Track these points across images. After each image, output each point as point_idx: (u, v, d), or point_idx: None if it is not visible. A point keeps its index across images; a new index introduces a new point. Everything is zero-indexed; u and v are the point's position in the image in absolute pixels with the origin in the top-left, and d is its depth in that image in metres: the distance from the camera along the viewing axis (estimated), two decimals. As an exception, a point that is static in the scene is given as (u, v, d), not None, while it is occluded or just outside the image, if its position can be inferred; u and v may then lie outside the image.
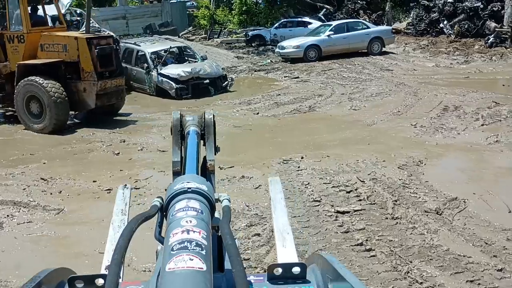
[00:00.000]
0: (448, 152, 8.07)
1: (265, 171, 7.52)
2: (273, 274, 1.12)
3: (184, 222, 0.91)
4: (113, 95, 11.27)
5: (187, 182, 1.05)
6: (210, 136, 1.61)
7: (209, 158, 1.57)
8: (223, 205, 1.13)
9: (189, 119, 1.62)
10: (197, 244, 0.85)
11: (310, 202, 6.25)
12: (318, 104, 11.99)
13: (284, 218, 1.60)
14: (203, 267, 0.81)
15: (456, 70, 15.79)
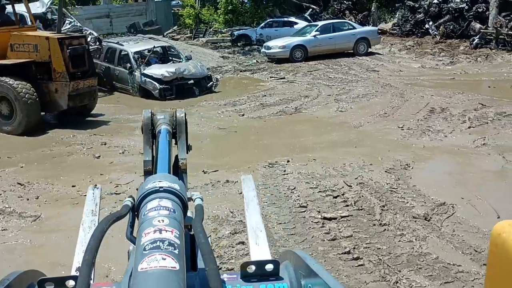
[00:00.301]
0: (435, 155, 7.98)
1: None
2: (246, 272, 1.13)
3: (156, 222, 0.89)
4: (86, 95, 11.07)
5: (159, 181, 1.03)
6: (182, 135, 1.59)
7: (181, 156, 1.55)
8: (196, 204, 1.11)
9: (160, 118, 1.59)
10: (169, 243, 0.84)
11: (296, 208, 6.09)
12: (304, 106, 11.85)
13: (257, 215, 1.60)
14: (176, 266, 0.80)
15: (441, 71, 15.78)
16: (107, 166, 8.17)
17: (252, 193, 1.75)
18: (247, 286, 1.13)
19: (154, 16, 33.55)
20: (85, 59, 10.75)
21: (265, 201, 6.36)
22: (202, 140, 9.57)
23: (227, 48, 23.68)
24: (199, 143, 9.38)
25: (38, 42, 10.37)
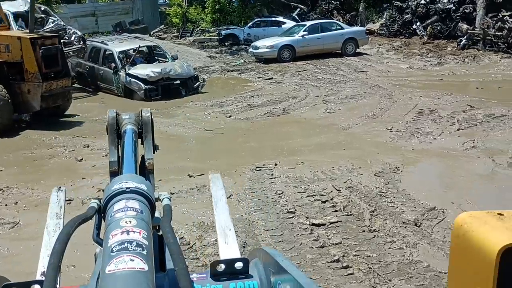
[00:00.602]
0: (425, 158, 7.87)
1: (237, 179, 7.16)
2: (216, 271, 1.13)
3: (123, 223, 0.88)
4: (59, 96, 10.91)
5: (125, 182, 1.02)
6: (148, 134, 1.57)
7: (147, 156, 1.53)
8: (164, 204, 1.10)
9: (126, 117, 1.58)
10: (137, 244, 0.83)
11: (284, 213, 5.93)
12: (292, 107, 11.70)
13: (225, 214, 1.60)
14: (144, 268, 0.79)
15: (429, 72, 15.75)
16: (89, 169, 7.94)
17: (220, 192, 1.74)
18: (217, 285, 1.13)
19: (141, 14, 33.19)
20: (59, 59, 10.59)
21: (252, 206, 6.20)
22: (187, 142, 9.39)
23: (215, 47, 23.46)
24: (185, 146, 9.20)
25: (9, 42, 10.17)
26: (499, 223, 0.96)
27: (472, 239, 0.95)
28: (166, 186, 6.96)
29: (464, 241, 0.97)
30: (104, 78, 14.29)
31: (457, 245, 1.00)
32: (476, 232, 0.95)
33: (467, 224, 0.98)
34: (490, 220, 0.97)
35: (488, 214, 1.00)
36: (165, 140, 9.57)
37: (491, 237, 0.92)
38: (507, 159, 7.53)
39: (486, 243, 0.92)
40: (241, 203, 6.31)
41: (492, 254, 0.89)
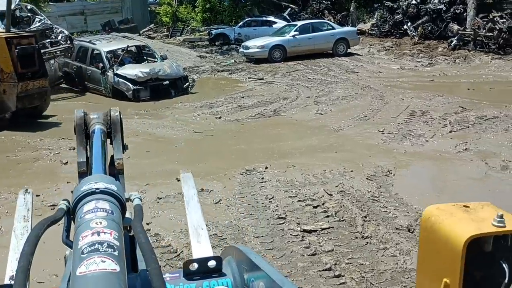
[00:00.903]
0: (417, 161, 7.76)
1: (227, 183, 7.00)
2: (189, 270, 1.14)
3: (93, 224, 0.88)
4: (36, 97, 10.69)
5: (95, 183, 1.01)
6: (117, 134, 1.54)
7: (117, 156, 1.50)
8: (135, 204, 1.09)
9: (94, 117, 1.55)
10: (108, 245, 0.82)
11: (275, 219, 5.77)
12: (283, 108, 11.55)
13: (197, 213, 1.60)
14: (116, 268, 0.78)
15: (420, 73, 15.68)
16: (74, 173, 7.54)
17: (192, 191, 1.75)
18: (190, 285, 1.13)
19: (130, 13, 32.87)
20: (35, 59, 10.37)
21: (241, 212, 6.03)
22: (176, 145, 9.20)
23: (205, 47, 23.26)
24: (173, 148, 9.02)
25: None
26: (465, 215, 1.00)
27: (440, 231, 0.99)
28: (154, 191, 6.80)
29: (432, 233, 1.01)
30: (91, 78, 14.05)
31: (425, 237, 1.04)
32: (443, 224, 0.99)
33: (434, 217, 1.01)
34: (456, 212, 1.01)
35: (454, 206, 1.04)
36: (153, 142, 9.40)
37: (458, 228, 0.96)
38: (500, 162, 7.44)
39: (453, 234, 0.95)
40: (231, 208, 6.15)
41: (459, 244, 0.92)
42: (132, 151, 9.16)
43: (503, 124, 9.19)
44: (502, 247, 0.99)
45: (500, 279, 0.98)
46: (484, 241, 0.97)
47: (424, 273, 1.09)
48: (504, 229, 0.96)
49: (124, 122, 5.75)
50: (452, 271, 0.97)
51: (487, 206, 1.06)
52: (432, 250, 1.04)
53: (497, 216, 0.96)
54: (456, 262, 0.95)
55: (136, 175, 7.54)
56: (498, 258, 0.99)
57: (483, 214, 1.01)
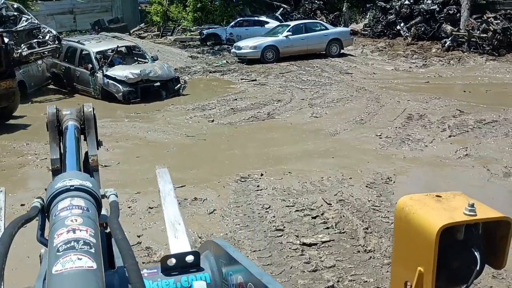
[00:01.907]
0: (417, 168, 7.53)
1: (221, 191, 6.72)
2: (166, 265, 1.14)
3: (69, 221, 0.86)
4: (3, 98, 10.36)
5: (69, 180, 0.99)
6: (91, 130, 1.54)
7: (91, 153, 1.49)
8: (110, 200, 1.08)
9: (67, 113, 1.54)
10: (85, 242, 0.81)
11: (272, 231, 5.50)
12: (277, 111, 11.28)
13: (174, 208, 1.60)
14: (93, 266, 0.77)
15: (415, 74, 15.48)
16: (62, 180, 7.39)
17: (168, 186, 1.73)
18: (168, 280, 1.13)
19: (120, 12, 32.44)
20: (1, 58, 10.01)
21: (237, 223, 5.76)
22: (168, 150, 8.90)
23: (196, 47, 22.92)
24: (165, 153, 8.73)
25: None
26: (438, 205, 1.03)
27: (413, 221, 1.01)
28: (145, 199, 6.50)
29: (406, 223, 1.03)
30: (80, 80, 13.69)
31: (399, 226, 1.06)
32: (416, 214, 1.01)
33: (408, 207, 1.04)
34: (429, 202, 1.04)
35: (427, 196, 1.07)
36: (144, 147, 9.10)
37: (431, 218, 0.98)
38: (502, 169, 7.23)
39: (426, 223, 0.98)
40: (225, 219, 5.87)
41: (432, 233, 0.95)
42: (122, 156, 8.87)
43: (503, 129, 9.00)
44: (474, 235, 1.02)
45: (472, 267, 1.00)
46: (456, 230, 1.00)
47: (399, 263, 1.11)
48: (475, 218, 0.98)
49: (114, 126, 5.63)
50: (426, 260, 0.99)
51: (458, 196, 1.08)
52: (406, 240, 1.06)
53: (469, 205, 0.98)
54: (430, 251, 0.97)
55: (126, 182, 7.25)
56: (470, 246, 1.01)
57: (455, 204, 1.03)
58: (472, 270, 1.01)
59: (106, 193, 1.11)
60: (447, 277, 1.04)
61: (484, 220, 1.01)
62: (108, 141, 9.37)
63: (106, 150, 8.80)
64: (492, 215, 1.01)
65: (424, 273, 1.00)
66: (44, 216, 0.99)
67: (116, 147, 9.06)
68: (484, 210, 1.02)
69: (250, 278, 1.03)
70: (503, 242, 1.04)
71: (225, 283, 1.16)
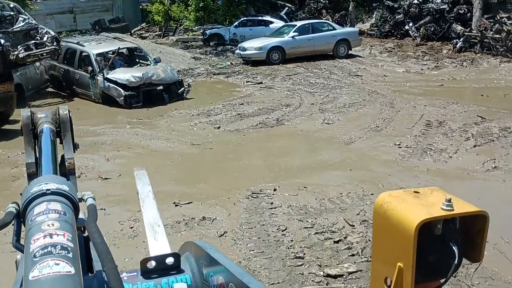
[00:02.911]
0: (443, 182, 6.92)
1: (231, 209, 6.14)
2: (146, 268, 1.15)
3: (45, 226, 0.85)
4: (1, 103, 9.86)
5: (45, 184, 0.98)
6: (67, 133, 1.51)
7: (67, 156, 1.45)
8: (88, 204, 1.08)
9: (42, 116, 1.51)
10: (62, 247, 0.80)
11: (291, 259, 4.92)
12: (286, 117, 10.69)
13: (153, 210, 1.62)
14: (71, 271, 0.76)
15: (428, 77, 14.90)
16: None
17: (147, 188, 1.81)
18: (148, 283, 1.14)
19: (121, 12, 31.87)
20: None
21: (251, 248, 5.18)
22: (172, 160, 8.32)
23: (199, 48, 22.34)
24: (169, 164, 8.15)
25: None
26: (416, 201, 1.08)
27: (392, 217, 1.05)
28: (148, 219, 5.92)
29: (385, 219, 1.07)
30: (80, 83, 13.13)
31: (378, 223, 1.10)
32: (395, 210, 1.05)
33: (386, 203, 1.08)
34: (407, 198, 1.09)
35: (405, 192, 1.12)
36: (147, 157, 8.53)
37: (409, 214, 1.02)
38: (536, 184, 6.65)
39: (404, 219, 1.02)
40: (238, 243, 5.29)
41: (410, 229, 0.99)
42: (124, 167, 8.29)
43: (531, 138, 8.42)
44: (451, 230, 1.05)
45: (450, 260, 1.03)
46: (434, 225, 1.03)
47: (378, 259, 1.13)
48: (452, 213, 1.01)
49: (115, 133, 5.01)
50: (405, 255, 1.00)
51: (436, 191, 1.12)
52: (386, 236, 1.08)
53: (446, 200, 1.02)
54: (409, 246, 0.99)
55: (128, 198, 6.66)
56: (448, 240, 1.04)
57: (433, 199, 1.07)
58: (450, 264, 1.03)
59: (83, 197, 1.09)
60: (426, 271, 1.04)
61: (461, 215, 1.03)
62: (109, 150, 8.83)
63: (106, 160, 8.26)
64: (469, 209, 1.03)
65: (404, 268, 1.02)
66: (20, 222, 0.97)
67: (117, 156, 8.50)
68: (461, 204, 1.04)
69: (231, 278, 1.03)
70: (480, 236, 1.06)
71: (206, 284, 1.14)
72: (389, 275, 1.06)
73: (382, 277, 1.09)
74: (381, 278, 1.09)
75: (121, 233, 5.71)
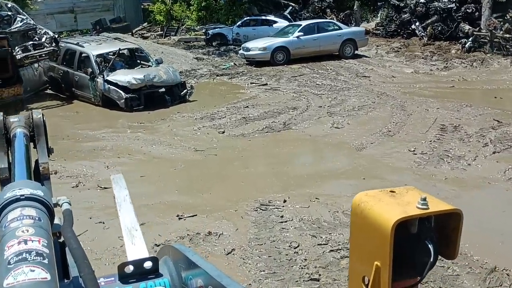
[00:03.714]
0: (464, 192, 6.53)
1: (239, 223, 5.74)
2: (124, 273, 1.13)
3: (20, 232, 0.83)
4: (11, 106, 9.45)
5: (19, 189, 0.96)
6: (41, 137, 1.50)
7: (41, 161, 1.43)
8: (63, 209, 1.07)
9: (15, 120, 1.49)
10: (37, 253, 0.79)
11: (306, 281, 4.52)
12: (293, 120, 10.27)
13: (131, 215, 1.57)
14: (47, 277, 0.75)
15: (438, 78, 14.47)
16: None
17: (124, 192, 1.72)
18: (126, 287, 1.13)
19: (123, 12, 31.47)
20: (8, 64, 9.06)
21: (261, 268, 4.78)
22: (175, 167, 7.92)
23: (201, 48, 21.92)
24: (172, 171, 7.75)
25: None
26: (392, 200, 1.09)
27: (369, 216, 1.07)
28: (149, 234, 5.50)
29: (362, 218, 1.08)
30: (79, 85, 12.73)
31: (356, 222, 1.12)
32: (371, 210, 1.07)
33: (363, 203, 1.10)
34: (383, 197, 1.10)
35: (382, 192, 1.13)
36: (149, 164, 8.14)
37: (385, 213, 1.03)
38: (563, 194, 6.23)
39: (381, 218, 1.03)
40: (247, 262, 4.89)
41: (387, 228, 1.00)
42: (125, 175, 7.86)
43: (552, 143, 8.00)
44: (426, 228, 1.07)
45: (426, 258, 1.04)
46: (410, 224, 1.04)
47: (356, 259, 1.14)
48: (428, 211, 1.03)
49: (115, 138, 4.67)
50: (382, 254, 1.02)
51: (411, 190, 1.13)
52: (363, 235, 1.09)
53: (421, 199, 1.04)
54: (385, 245, 1.00)
55: (128, 210, 6.27)
56: (424, 238, 1.05)
57: (408, 198, 1.08)
58: (426, 262, 1.04)
59: (58, 202, 1.08)
60: (403, 270, 1.06)
61: (436, 213, 1.05)
62: (109, 157, 8.44)
63: (106, 168, 7.87)
64: (443, 207, 1.06)
65: (381, 267, 1.04)
66: None
67: (117, 163, 8.10)
68: (436, 203, 1.06)
69: (210, 281, 1.03)
70: (454, 234, 1.09)
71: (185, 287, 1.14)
72: (367, 274, 1.08)
73: (360, 276, 1.11)
74: (359, 277, 1.11)
75: (121, 250, 5.29)
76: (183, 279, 1.14)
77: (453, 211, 1.07)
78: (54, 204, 1.03)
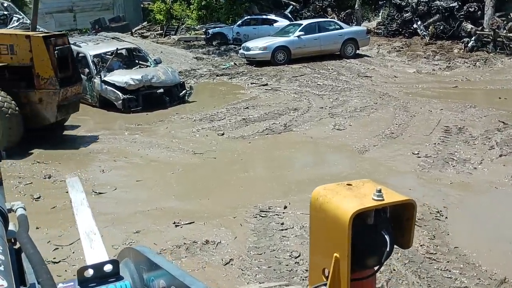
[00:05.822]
0: (470, 197, 6.32)
1: (238, 231, 5.54)
2: (84, 277, 1.10)
3: None
4: (71, 106, 9.32)
5: None
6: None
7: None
8: (18, 214, 1.07)
9: None
10: None
11: (307, 294, 4.30)
12: (294, 122, 10.06)
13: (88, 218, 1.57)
14: (3, 284, 0.74)
15: (441, 78, 14.25)
16: (47, 213, 6.21)
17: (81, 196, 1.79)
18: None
19: (122, 11, 31.28)
20: (69, 62, 8.91)
21: (260, 279, 4.57)
22: (173, 171, 7.71)
23: (201, 47, 21.72)
24: (169, 175, 7.54)
25: (14, 42, 8.39)
26: (349, 192, 1.12)
27: (327, 209, 1.10)
28: (146, 242, 5.32)
29: (321, 212, 1.12)
30: (76, 85, 12.49)
31: (315, 216, 1.16)
32: (330, 203, 1.10)
33: (322, 197, 1.12)
34: (341, 190, 1.13)
35: (339, 185, 1.15)
36: (146, 168, 7.93)
37: (343, 205, 1.07)
38: None
39: (339, 211, 1.06)
40: (246, 273, 4.68)
41: (345, 220, 1.03)
42: (120, 180, 7.69)
43: (560, 146, 7.79)
44: (382, 219, 1.11)
45: (383, 248, 1.09)
46: (367, 215, 1.08)
47: (316, 252, 1.17)
48: (383, 202, 1.07)
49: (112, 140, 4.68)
50: (341, 246, 1.05)
51: (367, 183, 1.16)
52: (322, 228, 1.13)
53: (376, 191, 1.08)
54: (344, 236, 1.03)
55: (123, 217, 6.09)
56: (380, 229, 1.10)
57: (364, 190, 1.12)
58: (383, 251, 1.09)
59: (12, 207, 1.11)
60: (361, 260, 1.10)
61: (391, 204, 1.09)
62: (104, 160, 8.23)
63: (101, 172, 7.67)
64: (398, 198, 1.10)
65: (340, 258, 1.07)
66: None
67: (113, 167, 7.90)
68: (391, 194, 1.10)
69: (172, 281, 1.02)
70: (409, 223, 1.15)
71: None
72: (327, 266, 1.09)
73: (320, 269, 1.11)
74: (319, 270, 1.11)
75: (114, 259, 5.11)
76: (145, 281, 1.12)
77: (407, 202, 1.11)
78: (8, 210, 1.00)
